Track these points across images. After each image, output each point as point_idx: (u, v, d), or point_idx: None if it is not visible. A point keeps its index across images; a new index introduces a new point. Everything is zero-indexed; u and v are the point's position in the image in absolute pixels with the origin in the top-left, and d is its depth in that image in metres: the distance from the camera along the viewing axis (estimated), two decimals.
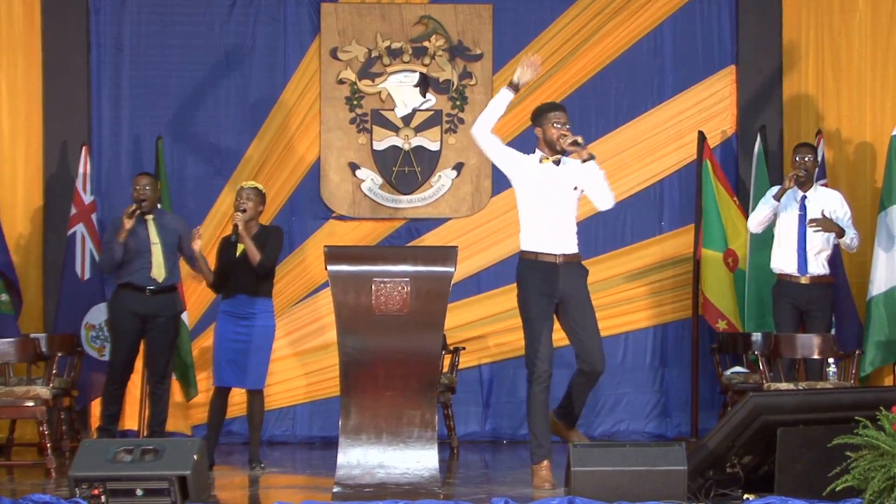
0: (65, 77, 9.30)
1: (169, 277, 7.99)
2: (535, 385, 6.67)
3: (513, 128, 9.40)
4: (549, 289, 6.70)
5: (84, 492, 5.80)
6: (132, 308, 7.93)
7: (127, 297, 7.94)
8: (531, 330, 6.70)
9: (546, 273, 6.72)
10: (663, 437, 9.14)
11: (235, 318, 7.60)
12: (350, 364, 6.35)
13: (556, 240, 6.75)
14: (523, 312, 6.76)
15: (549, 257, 6.74)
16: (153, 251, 7.93)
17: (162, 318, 7.95)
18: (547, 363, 6.66)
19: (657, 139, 9.45)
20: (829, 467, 5.66)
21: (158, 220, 8.04)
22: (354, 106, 9.44)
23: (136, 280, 7.93)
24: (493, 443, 9.30)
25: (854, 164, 9.29)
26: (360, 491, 6.21)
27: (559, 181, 6.79)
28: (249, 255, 7.52)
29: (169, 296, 8.02)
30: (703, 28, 9.50)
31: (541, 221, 6.76)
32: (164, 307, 7.97)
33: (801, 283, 8.21)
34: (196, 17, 9.46)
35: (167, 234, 7.99)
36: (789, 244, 8.25)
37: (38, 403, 7.60)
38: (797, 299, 8.22)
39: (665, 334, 9.35)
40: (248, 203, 7.61)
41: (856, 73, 9.33)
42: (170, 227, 8.03)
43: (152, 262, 7.92)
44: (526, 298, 6.74)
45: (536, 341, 6.67)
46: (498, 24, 9.48)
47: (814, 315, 8.21)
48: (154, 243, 7.94)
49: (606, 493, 5.76)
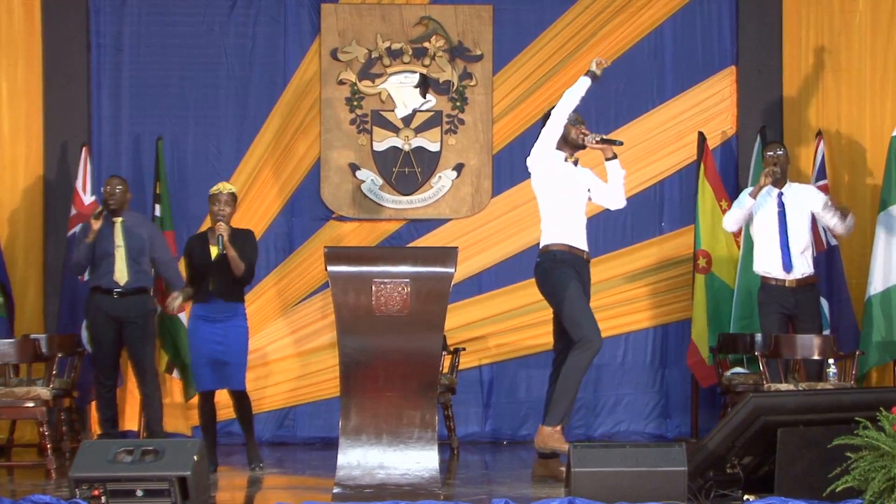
0: (65, 77, 9.31)
1: (133, 280, 8.02)
2: (588, 352, 6.79)
3: (511, 130, 9.43)
4: (580, 280, 6.90)
5: (84, 492, 5.81)
6: (104, 310, 8.00)
7: (98, 300, 8.03)
8: (578, 307, 6.83)
9: (577, 266, 6.94)
10: (663, 438, 9.14)
11: (211, 322, 7.59)
12: (350, 365, 6.35)
13: (582, 237, 7.01)
14: (563, 293, 6.86)
15: (579, 252, 6.98)
16: (116, 254, 7.97)
17: (133, 320, 8.01)
18: (599, 337, 6.82)
19: (657, 140, 9.45)
20: (829, 468, 5.65)
21: (127, 223, 8.05)
22: (355, 107, 9.44)
23: (103, 283, 8.00)
24: (494, 443, 9.29)
25: (854, 164, 9.28)
26: (360, 492, 6.20)
27: (579, 181, 7.05)
28: (233, 265, 7.52)
29: (138, 297, 8.05)
30: (703, 28, 9.51)
31: (570, 217, 6.98)
32: (134, 308, 8.02)
33: (787, 287, 8.05)
34: (196, 17, 9.47)
35: (132, 238, 8.00)
36: (771, 244, 8.08)
37: (38, 404, 7.61)
38: (784, 304, 8.05)
39: (665, 335, 9.35)
40: (226, 209, 7.60)
41: (856, 73, 9.33)
42: (135, 232, 8.04)
43: (115, 266, 7.97)
44: (564, 280, 6.86)
45: (586, 317, 6.81)
46: (498, 24, 9.48)
47: (802, 319, 8.07)
48: (118, 246, 7.98)
49: (607, 493, 5.76)
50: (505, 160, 9.43)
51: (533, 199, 7.10)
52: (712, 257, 8.98)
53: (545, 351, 9.27)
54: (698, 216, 9.03)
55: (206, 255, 7.62)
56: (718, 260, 8.99)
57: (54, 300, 9.07)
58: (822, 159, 9.00)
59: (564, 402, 6.84)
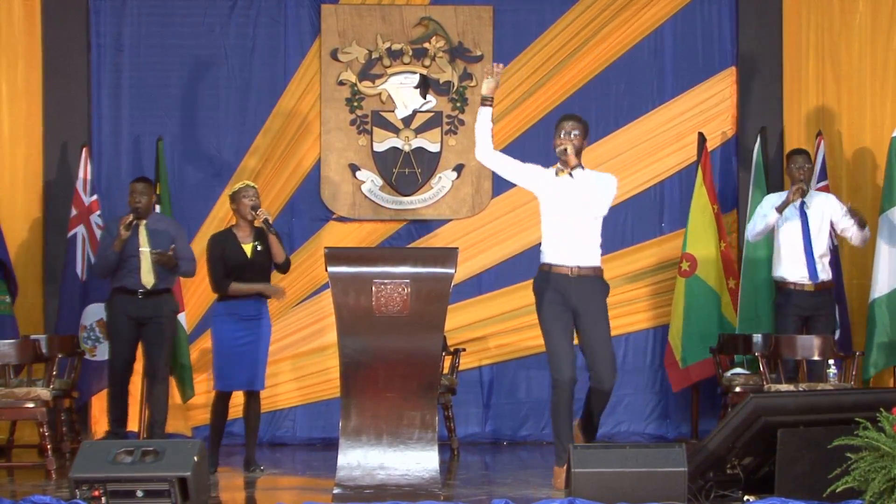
0: (65, 77, 9.30)
1: (159, 282, 8.01)
2: (556, 394, 6.72)
3: (510, 131, 9.42)
4: (563, 300, 6.76)
5: (84, 493, 5.80)
6: (126, 311, 7.98)
7: (121, 301, 8.00)
8: (548, 340, 6.77)
9: (558, 285, 6.76)
10: (664, 439, 9.14)
11: (239, 320, 7.56)
12: (350, 365, 6.35)
13: (572, 252, 6.77)
14: (541, 324, 6.83)
15: (562, 269, 6.78)
16: (141, 257, 7.96)
17: (156, 320, 7.98)
18: (566, 371, 6.68)
19: (657, 140, 9.45)
20: (829, 468, 5.65)
21: (151, 225, 8.05)
22: (355, 107, 9.44)
23: (127, 284, 7.98)
24: (494, 444, 9.29)
25: (854, 165, 9.29)
26: (360, 492, 6.21)
27: (574, 193, 6.78)
28: (275, 252, 7.52)
29: (162, 297, 8.04)
30: (703, 29, 9.51)
31: (557, 234, 6.80)
32: (158, 308, 8.00)
33: (807, 291, 8.19)
34: (196, 17, 9.46)
35: (158, 241, 7.97)
36: (796, 253, 8.20)
37: (38, 405, 7.60)
38: (803, 307, 8.19)
39: (665, 335, 9.33)
40: (257, 200, 7.63)
41: (856, 73, 9.33)
42: (162, 233, 8.02)
43: (141, 268, 7.96)
44: (541, 310, 6.81)
45: (554, 351, 6.73)
46: (498, 25, 9.48)
47: (818, 320, 8.20)
48: (143, 249, 7.97)
49: (607, 494, 5.76)
50: None
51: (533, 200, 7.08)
52: (698, 261, 8.97)
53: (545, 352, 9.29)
54: (689, 219, 9.03)
55: (239, 252, 7.60)
56: (705, 264, 8.98)
57: (54, 300, 9.06)
58: (822, 160, 9.00)
59: (557, 443, 6.76)
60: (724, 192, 9.37)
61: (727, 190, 9.40)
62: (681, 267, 9.00)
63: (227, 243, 7.65)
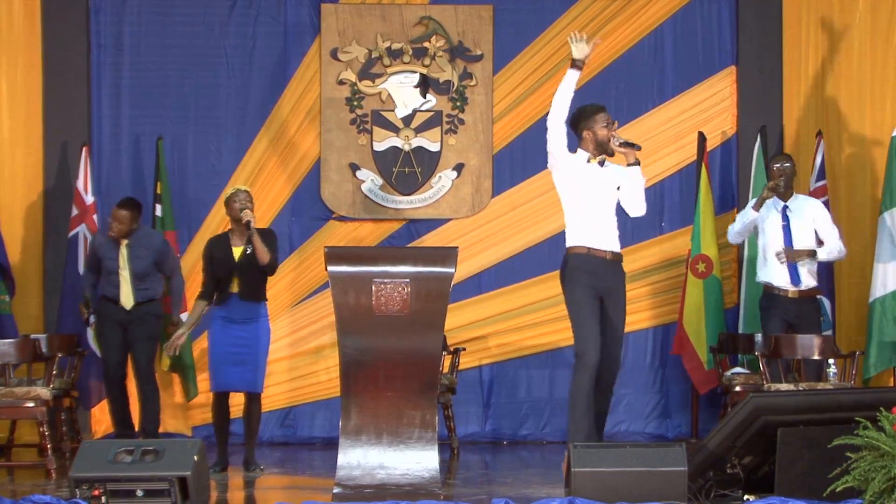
0: (65, 77, 9.30)
1: (139, 299, 8.19)
2: (579, 374, 6.72)
3: (511, 131, 9.43)
4: (596, 284, 6.80)
5: (84, 492, 5.81)
6: (112, 317, 8.20)
7: (107, 307, 8.23)
8: (580, 321, 6.77)
9: (596, 268, 6.83)
10: (663, 438, 9.14)
11: (234, 323, 7.55)
12: (350, 365, 6.35)
13: (606, 237, 6.88)
14: (571, 305, 6.83)
15: (600, 253, 6.85)
16: (121, 277, 8.15)
17: (138, 322, 8.17)
18: (593, 354, 6.70)
19: (657, 140, 9.44)
20: (829, 468, 5.65)
21: (133, 245, 8.18)
22: (355, 107, 9.44)
23: (112, 295, 8.20)
24: (494, 443, 9.29)
25: (854, 165, 9.28)
26: (360, 492, 6.21)
27: (605, 181, 6.91)
28: (258, 253, 7.51)
29: (147, 306, 8.23)
30: (703, 28, 9.50)
31: (591, 219, 6.87)
32: (142, 314, 8.20)
33: (790, 297, 8.15)
34: (196, 17, 9.46)
35: (136, 262, 8.15)
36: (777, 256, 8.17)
37: (38, 404, 7.60)
38: (786, 312, 8.15)
39: (665, 335, 9.34)
40: (248, 204, 7.62)
41: (856, 73, 9.33)
42: (139, 255, 8.17)
43: (121, 290, 8.16)
44: (575, 291, 6.80)
45: (583, 333, 6.74)
46: (498, 24, 9.48)
47: (801, 327, 8.12)
48: (122, 269, 8.15)
49: (607, 493, 5.77)
50: (505, 160, 9.44)
51: (533, 199, 7.11)
52: (713, 262, 8.96)
53: (545, 351, 9.31)
54: (698, 219, 9.01)
55: (228, 256, 7.60)
56: (719, 262, 8.97)
57: (54, 300, 9.06)
58: (821, 160, 8.99)
59: (573, 424, 6.75)
60: (724, 191, 9.37)
61: (727, 189, 9.39)
62: (696, 269, 8.98)
63: (217, 247, 7.67)
